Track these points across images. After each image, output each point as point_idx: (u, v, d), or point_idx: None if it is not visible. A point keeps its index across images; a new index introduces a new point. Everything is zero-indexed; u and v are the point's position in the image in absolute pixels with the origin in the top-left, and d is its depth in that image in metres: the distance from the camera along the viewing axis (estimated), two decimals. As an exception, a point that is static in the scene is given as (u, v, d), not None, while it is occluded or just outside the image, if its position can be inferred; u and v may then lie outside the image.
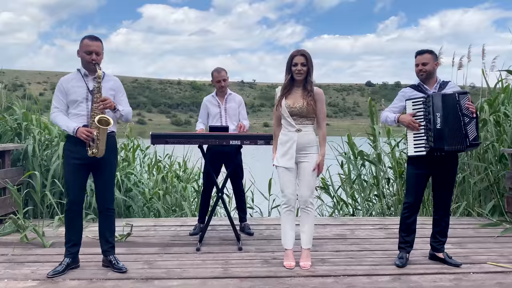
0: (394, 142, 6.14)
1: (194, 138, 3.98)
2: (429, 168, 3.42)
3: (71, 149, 3.24)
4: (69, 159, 3.26)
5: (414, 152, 3.39)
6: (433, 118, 3.29)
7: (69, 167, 3.27)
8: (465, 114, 3.28)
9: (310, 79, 3.39)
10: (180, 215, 5.82)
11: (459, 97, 3.29)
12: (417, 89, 3.49)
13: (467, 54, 6.04)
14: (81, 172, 3.26)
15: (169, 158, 6.86)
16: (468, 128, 3.27)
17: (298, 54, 3.36)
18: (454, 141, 3.28)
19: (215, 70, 4.53)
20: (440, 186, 3.48)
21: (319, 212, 6.11)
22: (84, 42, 3.23)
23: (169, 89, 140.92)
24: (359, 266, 3.44)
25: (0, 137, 5.45)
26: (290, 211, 3.43)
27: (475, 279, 3.16)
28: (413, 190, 3.47)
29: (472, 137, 3.28)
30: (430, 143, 3.30)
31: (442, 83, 3.48)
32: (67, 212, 3.29)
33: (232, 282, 3.10)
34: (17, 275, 3.23)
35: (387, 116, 3.55)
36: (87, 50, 3.20)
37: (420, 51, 3.47)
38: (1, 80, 6.17)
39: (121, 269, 3.27)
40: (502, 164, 5.40)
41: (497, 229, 4.61)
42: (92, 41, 3.22)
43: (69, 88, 3.22)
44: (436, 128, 3.28)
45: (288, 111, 3.37)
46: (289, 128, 3.40)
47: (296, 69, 3.34)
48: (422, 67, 3.42)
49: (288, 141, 3.39)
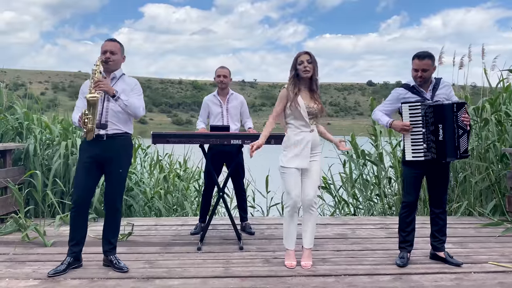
0: (395, 142, 6.13)
1: (195, 137, 3.98)
2: (425, 168, 3.45)
3: (85, 147, 3.29)
4: (82, 157, 3.31)
5: (412, 157, 3.41)
6: (435, 129, 3.31)
7: (80, 165, 3.31)
8: (460, 126, 3.30)
9: (316, 78, 3.40)
10: (182, 215, 5.83)
11: (457, 108, 3.30)
12: (412, 90, 3.45)
13: (467, 53, 6.04)
14: (92, 170, 3.27)
15: (169, 157, 6.88)
16: (461, 140, 3.31)
17: (303, 53, 3.38)
18: (450, 152, 3.32)
19: (220, 67, 4.56)
20: (435, 185, 3.50)
21: (321, 212, 6.11)
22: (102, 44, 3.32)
23: (170, 89, 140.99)
24: (360, 265, 3.44)
25: (2, 137, 5.46)
26: (295, 213, 3.41)
27: (476, 279, 3.16)
28: (411, 190, 3.48)
29: (463, 149, 3.33)
30: (433, 154, 3.34)
31: (436, 83, 3.46)
32: (72, 211, 3.29)
33: (233, 282, 3.10)
34: (18, 274, 3.23)
35: (379, 118, 3.57)
36: (102, 50, 3.29)
37: (420, 54, 3.35)
38: (3, 79, 6.17)
39: (122, 268, 3.28)
40: (503, 163, 5.40)
41: (498, 229, 4.61)
42: (107, 41, 3.33)
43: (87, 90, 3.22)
44: (439, 140, 3.31)
45: (308, 111, 3.35)
46: (302, 129, 3.36)
47: (303, 66, 3.33)
48: (422, 74, 3.34)
49: (302, 141, 3.34)
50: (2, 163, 4.97)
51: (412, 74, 3.42)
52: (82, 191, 3.26)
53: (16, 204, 4.79)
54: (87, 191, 3.29)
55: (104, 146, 3.24)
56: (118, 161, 3.30)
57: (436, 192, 3.52)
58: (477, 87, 6.36)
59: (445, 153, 3.32)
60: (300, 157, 3.34)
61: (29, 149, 5.29)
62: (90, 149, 3.25)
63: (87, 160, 3.25)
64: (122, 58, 3.38)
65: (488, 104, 5.58)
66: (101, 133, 3.23)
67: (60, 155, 5.22)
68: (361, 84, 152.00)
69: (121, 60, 3.38)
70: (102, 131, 3.23)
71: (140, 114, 3.36)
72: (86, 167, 3.26)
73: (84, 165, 3.26)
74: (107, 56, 3.24)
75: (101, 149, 3.24)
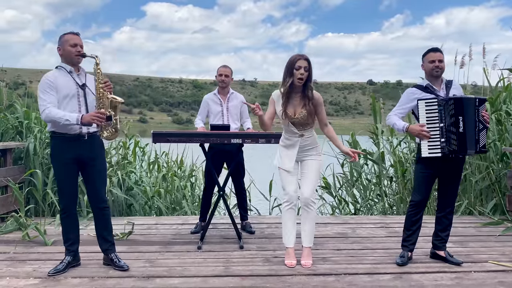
0: (396, 141, 6.13)
1: (195, 136, 3.98)
2: (438, 168, 3.41)
3: (62, 147, 3.15)
4: (60, 159, 3.17)
5: (428, 154, 3.33)
6: (455, 121, 3.25)
7: (61, 168, 3.18)
8: (480, 120, 3.28)
9: (310, 85, 3.35)
10: (181, 213, 5.82)
11: (479, 103, 3.28)
12: (426, 90, 3.42)
13: (468, 52, 6.04)
14: (73, 172, 3.21)
15: (166, 156, 6.88)
16: (481, 135, 3.29)
17: (302, 58, 3.29)
18: (470, 145, 3.27)
19: (222, 66, 4.56)
20: (447, 185, 3.48)
21: (320, 211, 6.10)
22: (65, 37, 3.18)
23: (171, 88, 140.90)
24: (360, 264, 3.44)
25: (2, 136, 5.46)
26: (291, 209, 3.43)
27: (476, 278, 3.16)
28: (421, 189, 3.45)
29: (482, 144, 3.31)
30: (454, 146, 3.27)
31: (448, 82, 3.46)
32: (62, 215, 3.26)
33: (233, 281, 3.10)
34: (19, 273, 3.23)
35: (394, 123, 3.46)
36: (72, 43, 3.15)
37: (433, 48, 3.44)
38: (3, 78, 6.17)
39: (123, 267, 3.28)
40: (504, 162, 5.40)
41: (499, 228, 4.61)
42: (75, 35, 3.20)
43: (58, 84, 3.12)
44: (460, 131, 3.25)
45: (290, 121, 3.36)
46: (292, 134, 3.42)
47: (299, 72, 3.26)
48: (439, 64, 3.38)
49: (291, 145, 3.42)
50: (2, 162, 4.97)
51: (427, 68, 3.42)
52: (70, 195, 3.22)
53: (16, 203, 4.79)
54: (73, 193, 3.25)
55: (87, 145, 3.17)
56: (99, 159, 3.27)
57: (446, 192, 3.49)
58: (477, 86, 6.36)
59: (465, 145, 3.25)
60: (285, 159, 3.42)
61: (29, 148, 5.29)
62: (71, 150, 3.14)
63: (69, 162, 3.15)
64: None
65: (489, 103, 5.57)
66: (83, 132, 3.16)
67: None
68: (361, 83, 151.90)
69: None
70: (84, 130, 3.15)
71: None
72: (70, 170, 3.18)
73: (66, 167, 3.16)
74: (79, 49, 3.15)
75: (84, 148, 3.16)
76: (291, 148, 3.42)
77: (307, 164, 3.42)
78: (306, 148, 3.42)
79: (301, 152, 3.42)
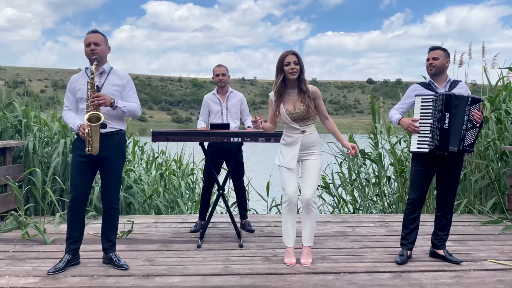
0: (395, 140, 6.13)
1: (195, 135, 3.98)
2: (433, 166, 3.42)
3: (78, 145, 3.26)
4: (75, 156, 3.29)
5: (416, 149, 3.38)
6: (442, 116, 3.28)
7: (75, 164, 3.28)
8: (470, 119, 3.29)
9: (303, 77, 3.36)
10: (177, 212, 5.82)
11: (471, 102, 3.29)
12: (427, 87, 3.48)
13: (468, 51, 6.03)
14: (86, 170, 3.25)
15: (163, 154, 6.88)
16: (467, 134, 3.30)
17: (290, 53, 3.32)
18: (453, 142, 3.29)
19: (216, 65, 4.56)
20: (444, 184, 3.48)
21: (320, 211, 6.10)
22: (85, 37, 3.25)
23: (170, 86, 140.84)
24: (359, 263, 3.45)
25: (1, 134, 5.46)
26: (291, 209, 3.42)
27: (476, 277, 3.17)
28: (416, 187, 3.47)
29: (468, 143, 3.31)
30: (436, 141, 3.29)
31: (453, 82, 3.48)
32: (69, 210, 3.28)
33: (233, 279, 3.10)
34: (18, 271, 3.23)
35: (391, 116, 3.55)
36: (86, 43, 3.23)
37: (433, 47, 3.50)
38: (2, 77, 6.16)
39: (122, 266, 3.28)
40: (503, 161, 5.40)
41: (498, 227, 4.61)
42: (90, 34, 3.25)
43: (76, 86, 3.28)
44: (444, 128, 3.28)
45: (290, 117, 3.36)
46: (293, 131, 3.41)
47: (290, 68, 3.29)
48: (432, 62, 3.42)
49: (293, 142, 3.41)
50: (2, 161, 4.96)
51: (426, 66, 3.49)
52: (78, 191, 3.25)
53: (16, 202, 4.79)
54: (83, 191, 3.28)
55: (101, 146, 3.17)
56: (113, 160, 3.28)
57: (445, 193, 3.50)
58: (477, 85, 6.36)
59: (447, 141, 3.27)
60: (289, 156, 3.40)
61: (29, 146, 5.28)
62: (82, 148, 3.18)
63: (81, 159, 3.21)
64: (107, 48, 3.30)
65: (488, 102, 5.58)
66: None
67: (59, 153, 5.22)
68: (361, 82, 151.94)
69: (106, 51, 3.31)
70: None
71: (138, 115, 3.39)
72: (81, 167, 3.23)
73: (79, 165, 3.23)
74: (92, 48, 3.18)
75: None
76: (293, 145, 3.40)
77: (308, 164, 3.41)
78: (307, 146, 3.41)
79: (302, 151, 3.40)
